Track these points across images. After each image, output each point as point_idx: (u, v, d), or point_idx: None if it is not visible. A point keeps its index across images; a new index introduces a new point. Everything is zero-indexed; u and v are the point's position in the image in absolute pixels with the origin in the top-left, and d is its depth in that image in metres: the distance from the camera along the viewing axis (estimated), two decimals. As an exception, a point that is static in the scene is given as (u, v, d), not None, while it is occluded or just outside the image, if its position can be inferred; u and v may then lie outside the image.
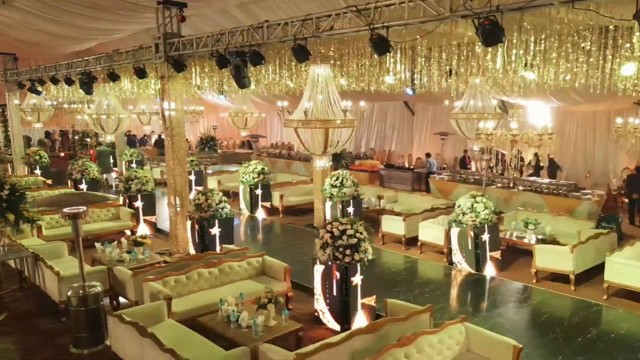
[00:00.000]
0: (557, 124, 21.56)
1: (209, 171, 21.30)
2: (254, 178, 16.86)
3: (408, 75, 10.63)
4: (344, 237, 8.47)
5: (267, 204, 17.34)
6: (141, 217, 14.63)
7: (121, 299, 9.66)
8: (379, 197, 16.40)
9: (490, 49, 8.46)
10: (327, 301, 8.81)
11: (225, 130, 36.15)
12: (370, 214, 15.24)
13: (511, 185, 17.58)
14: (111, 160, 23.46)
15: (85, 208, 7.83)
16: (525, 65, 8.69)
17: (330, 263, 8.63)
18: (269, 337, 7.25)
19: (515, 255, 12.45)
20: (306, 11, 15.25)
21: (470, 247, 11.44)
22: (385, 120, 28.56)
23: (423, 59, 10.03)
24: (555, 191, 16.51)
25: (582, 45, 8.16)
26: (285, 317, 7.74)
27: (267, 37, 9.80)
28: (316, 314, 9.09)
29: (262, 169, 17.11)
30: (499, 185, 17.86)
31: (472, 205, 11.49)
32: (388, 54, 8.31)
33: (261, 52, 9.96)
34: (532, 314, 9.35)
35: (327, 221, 8.98)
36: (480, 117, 11.68)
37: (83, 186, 17.41)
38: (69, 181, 17.91)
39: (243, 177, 17.16)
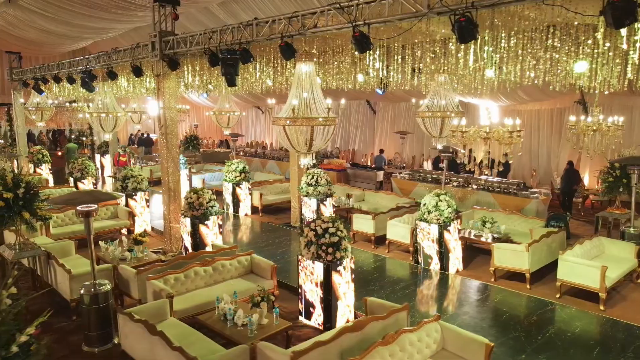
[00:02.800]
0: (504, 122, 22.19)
1: (193, 170, 21.23)
2: (235, 177, 16.92)
3: (384, 74, 10.56)
4: (327, 235, 8.57)
5: (248, 203, 17.39)
6: (140, 215, 14.64)
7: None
8: (348, 196, 16.60)
9: (462, 47, 8.44)
10: (311, 299, 8.92)
11: (205, 129, 35.97)
12: (340, 213, 15.29)
13: (465, 184, 18.10)
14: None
15: (96, 206, 7.86)
16: (493, 64, 8.66)
17: (313, 261, 8.77)
18: (263, 335, 7.37)
19: (473, 254, 12.67)
20: (284, 10, 15.48)
21: (434, 246, 11.62)
22: (350, 119, 28.69)
23: (399, 57, 9.89)
24: (505, 190, 17.06)
25: (549, 42, 8.08)
26: (276, 315, 7.87)
27: (256, 34, 9.74)
28: (300, 311, 9.18)
29: (244, 167, 17.14)
30: (454, 184, 18.34)
31: (437, 204, 11.57)
32: (368, 51, 8.20)
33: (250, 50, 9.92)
34: (494, 312, 9.48)
35: (311, 219, 9.05)
36: (444, 115, 11.83)
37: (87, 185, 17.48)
38: (70, 179, 17.83)
39: (226, 176, 17.18)
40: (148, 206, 14.78)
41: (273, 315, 7.90)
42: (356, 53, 9.35)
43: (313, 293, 8.89)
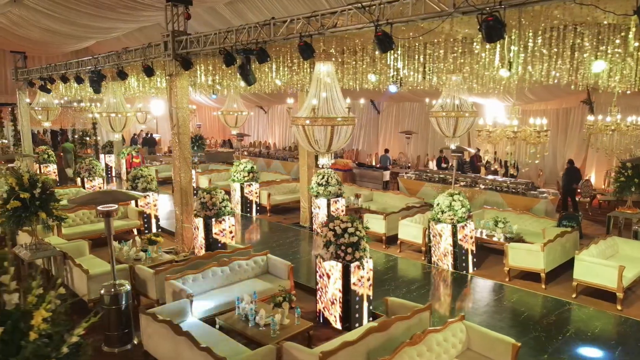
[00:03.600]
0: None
1: (199, 170, 21.21)
2: (244, 177, 16.87)
3: (404, 73, 10.42)
4: (346, 235, 8.54)
5: (257, 202, 17.31)
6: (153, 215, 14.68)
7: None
8: (357, 196, 16.55)
9: (488, 46, 8.33)
10: (329, 299, 8.89)
11: (208, 129, 35.94)
12: (349, 213, 15.13)
13: (473, 184, 18.08)
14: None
15: (116, 206, 7.82)
16: (510, 63, 8.69)
17: (333, 261, 8.73)
18: (286, 336, 7.37)
19: (485, 254, 12.62)
20: (291, 10, 15.44)
21: (448, 246, 11.59)
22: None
23: (421, 56, 9.80)
24: (514, 190, 17.04)
25: (576, 41, 7.86)
26: (297, 315, 7.88)
27: (273, 34, 9.67)
28: (318, 312, 9.15)
29: (252, 167, 17.08)
30: (462, 184, 18.32)
31: (450, 204, 11.53)
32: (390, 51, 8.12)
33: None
34: (512, 312, 9.45)
35: (329, 219, 9.02)
36: (459, 115, 11.72)
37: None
38: (78, 179, 17.82)
39: (234, 176, 17.12)
40: (155, 206, 14.72)
41: (294, 315, 7.87)
42: (377, 52, 9.28)
43: (331, 293, 8.85)
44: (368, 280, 8.92)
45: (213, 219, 11.67)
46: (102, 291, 8.00)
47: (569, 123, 21.61)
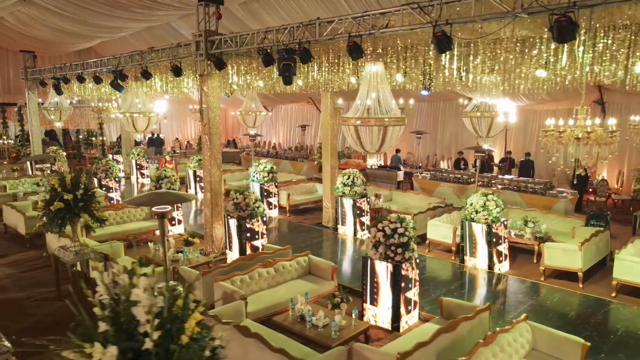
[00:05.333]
0: (520, 122, 22.31)
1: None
2: (264, 177, 16.83)
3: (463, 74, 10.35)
4: (396, 236, 8.58)
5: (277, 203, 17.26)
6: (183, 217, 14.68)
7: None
8: (377, 196, 16.54)
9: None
10: (377, 299, 8.89)
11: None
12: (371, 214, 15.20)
13: (489, 183, 18.14)
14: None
15: (170, 207, 7.75)
16: (546, 64, 8.63)
17: (382, 261, 8.75)
18: (346, 337, 7.36)
19: (514, 253, 12.56)
20: (308, 11, 15.41)
21: (483, 245, 11.66)
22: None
23: (476, 58, 9.73)
24: (532, 189, 17.12)
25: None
26: (355, 316, 7.87)
27: (318, 34, 9.67)
28: (365, 312, 9.11)
29: (272, 167, 17.02)
30: (479, 183, 18.36)
31: (485, 204, 11.62)
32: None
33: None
34: (558, 311, 9.45)
35: (377, 219, 9.04)
36: (493, 115, 11.72)
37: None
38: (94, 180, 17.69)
39: (254, 176, 17.06)
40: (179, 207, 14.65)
41: (352, 316, 7.86)
42: (431, 53, 9.29)
43: (379, 293, 8.85)
44: (415, 280, 8.93)
45: (245, 220, 11.61)
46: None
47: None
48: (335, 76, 11.51)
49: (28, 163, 22.03)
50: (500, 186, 17.81)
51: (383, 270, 8.75)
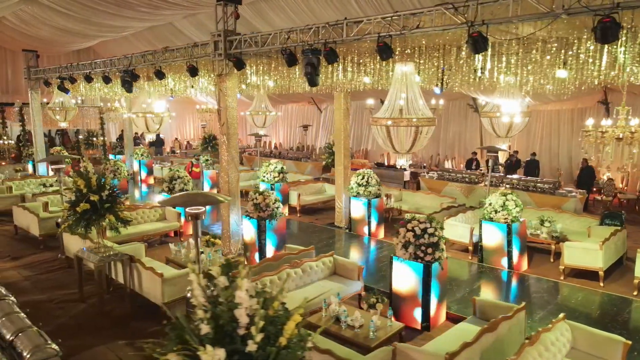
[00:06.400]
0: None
1: (216, 170, 20.88)
2: (274, 177, 16.79)
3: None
4: (426, 236, 8.62)
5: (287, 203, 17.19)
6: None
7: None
8: (387, 196, 16.56)
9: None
10: (406, 299, 8.91)
11: (211, 129, 35.57)
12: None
13: (497, 183, 18.19)
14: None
15: (204, 208, 7.72)
16: (565, 64, 8.68)
17: (411, 261, 8.77)
18: (384, 337, 7.37)
19: (530, 253, 12.55)
20: (317, 12, 15.39)
21: (503, 245, 11.68)
22: (362, 118, 28.56)
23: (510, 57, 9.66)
24: (541, 189, 17.21)
25: None
26: (390, 316, 7.90)
27: (346, 34, 9.62)
28: (392, 311, 9.18)
29: (282, 168, 17.01)
30: (487, 183, 18.42)
31: (504, 203, 11.67)
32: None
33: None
34: (584, 310, 9.49)
35: (406, 219, 9.07)
36: (512, 115, 11.71)
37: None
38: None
39: (264, 177, 17.04)
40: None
41: (387, 316, 7.86)
42: (463, 54, 9.27)
43: (408, 293, 8.88)
44: (444, 279, 8.97)
45: (265, 220, 11.57)
46: (189, 295, 7.86)
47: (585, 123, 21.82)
48: (357, 76, 11.47)
49: (30, 164, 21.92)
50: (508, 186, 17.86)
51: (410, 270, 8.78)
